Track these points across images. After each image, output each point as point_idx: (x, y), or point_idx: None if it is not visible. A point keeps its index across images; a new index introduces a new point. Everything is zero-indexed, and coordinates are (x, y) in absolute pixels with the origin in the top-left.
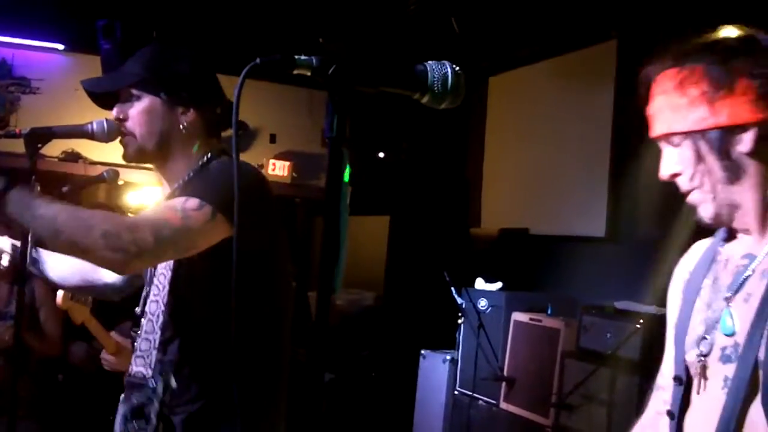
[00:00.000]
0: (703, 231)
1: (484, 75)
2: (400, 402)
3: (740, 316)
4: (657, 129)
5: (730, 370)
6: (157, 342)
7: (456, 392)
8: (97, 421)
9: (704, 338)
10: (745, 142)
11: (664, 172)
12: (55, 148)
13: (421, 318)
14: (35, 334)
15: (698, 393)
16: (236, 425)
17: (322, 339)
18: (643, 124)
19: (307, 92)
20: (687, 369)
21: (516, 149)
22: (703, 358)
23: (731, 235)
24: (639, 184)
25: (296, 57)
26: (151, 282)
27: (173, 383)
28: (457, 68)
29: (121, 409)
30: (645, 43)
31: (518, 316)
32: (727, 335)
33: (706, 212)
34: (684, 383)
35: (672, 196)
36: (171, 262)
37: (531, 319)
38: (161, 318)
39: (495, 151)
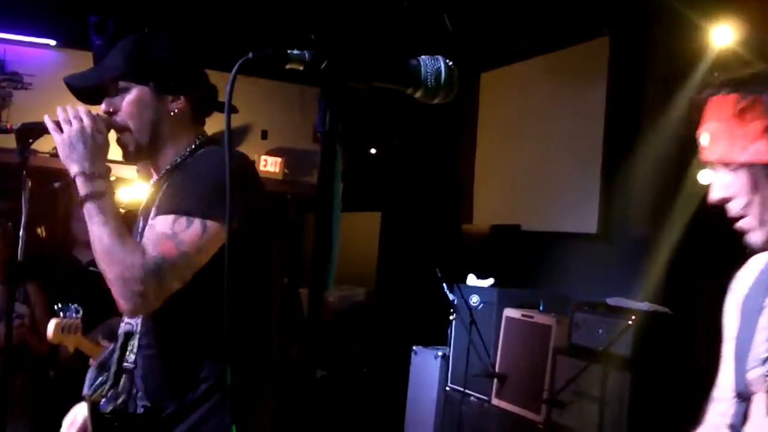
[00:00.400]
0: (695, 230)
1: (475, 71)
2: (392, 398)
3: None
4: (712, 154)
5: None
6: (137, 327)
7: (447, 388)
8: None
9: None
10: None
11: (715, 196)
12: (47, 144)
13: (412, 314)
14: (33, 333)
15: (760, 409)
16: (225, 417)
17: (315, 336)
18: (635, 121)
19: (299, 88)
20: (748, 385)
21: (508, 146)
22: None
23: None
24: (631, 182)
25: (288, 51)
26: None
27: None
28: (450, 63)
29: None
30: (637, 40)
31: (510, 313)
32: None
33: (755, 239)
34: (746, 399)
35: (663, 194)
36: None
37: (523, 316)
38: None
39: (487, 147)
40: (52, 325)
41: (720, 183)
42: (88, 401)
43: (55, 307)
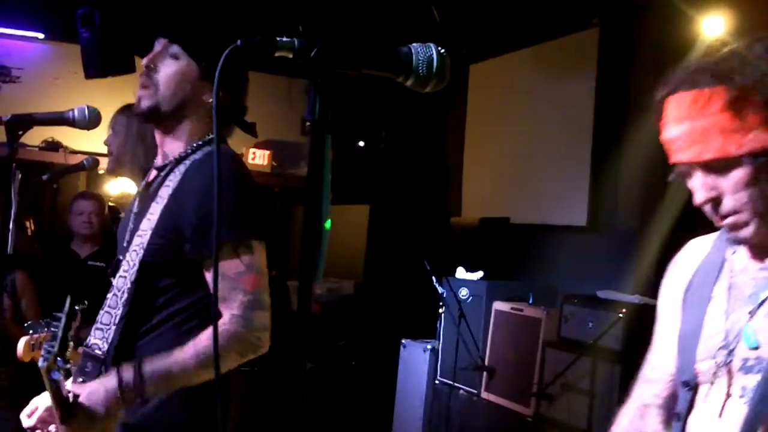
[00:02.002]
0: (683, 222)
1: (464, 63)
2: (381, 391)
3: (764, 331)
4: (697, 154)
5: (749, 380)
6: (117, 318)
7: (436, 382)
8: None
9: (723, 348)
10: None
11: (701, 198)
12: (36, 137)
13: (401, 307)
14: (17, 323)
15: (706, 398)
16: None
17: (305, 328)
18: (624, 113)
19: (287, 81)
20: (696, 375)
21: (497, 138)
22: (723, 367)
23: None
24: (621, 173)
25: (277, 39)
26: (124, 252)
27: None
28: (443, 50)
29: (77, 379)
30: (627, 31)
31: (499, 306)
32: (751, 348)
33: (748, 234)
34: (693, 389)
35: (653, 186)
36: (144, 242)
37: (512, 309)
38: (126, 295)
39: (475, 139)
40: (21, 344)
41: (703, 185)
42: (52, 384)
43: (24, 326)
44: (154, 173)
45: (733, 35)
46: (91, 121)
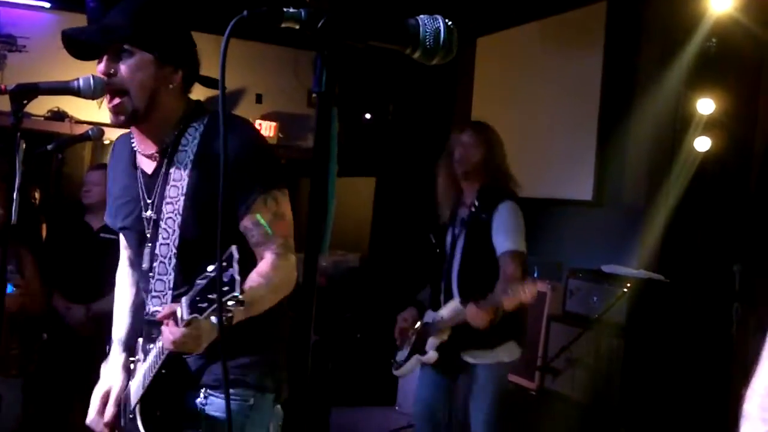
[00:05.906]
0: (690, 197)
1: (472, 36)
2: (385, 364)
3: None
4: None
5: None
6: (171, 282)
7: None
8: (78, 379)
9: None
10: None
11: None
12: (41, 107)
13: (406, 280)
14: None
15: None
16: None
17: (310, 301)
18: (631, 88)
19: (293, 53)
20: None
21: (503, 111)
22: None
23: None
24: (627, 148)
25: (284, 9)
26: (156, 227)
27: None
28: (450, 23)
29: (146, 346)
30: (635, 6)
31: None
32: None
33: None
34: None
35: (659, 161)
36: (179, 208)
37: None
38: (174, 260)
39: (482, 113)
40: None
41: None
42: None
43: None
44: (153, 164)
45: (739, 11)
46: (96, 90)
